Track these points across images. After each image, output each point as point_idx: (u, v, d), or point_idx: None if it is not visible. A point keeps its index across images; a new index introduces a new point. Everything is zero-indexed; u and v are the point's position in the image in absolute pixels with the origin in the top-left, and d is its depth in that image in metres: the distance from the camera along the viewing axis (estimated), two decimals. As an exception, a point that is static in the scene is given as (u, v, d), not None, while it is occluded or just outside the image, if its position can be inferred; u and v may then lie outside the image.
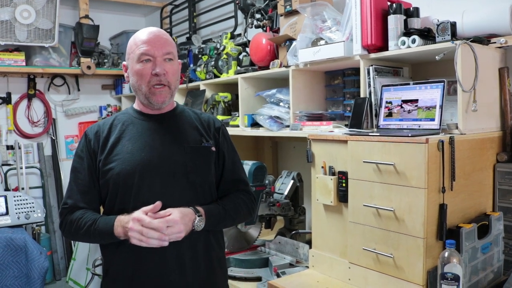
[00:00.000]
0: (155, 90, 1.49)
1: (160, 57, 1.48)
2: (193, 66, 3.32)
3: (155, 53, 1.47)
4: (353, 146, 1.77)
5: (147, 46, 1.47)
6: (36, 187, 4.39)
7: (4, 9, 3.64)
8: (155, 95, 1.50)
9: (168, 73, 1.49)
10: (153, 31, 1.52)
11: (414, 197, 1.55)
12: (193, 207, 1.46)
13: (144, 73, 1.48)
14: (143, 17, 5.16)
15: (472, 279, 1.62)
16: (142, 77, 1.49)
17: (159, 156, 1.50)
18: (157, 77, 1.47)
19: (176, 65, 1.55)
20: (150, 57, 1.48)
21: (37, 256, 2.79)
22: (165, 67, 1.49)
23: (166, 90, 1.51)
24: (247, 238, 2.53)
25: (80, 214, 1.48)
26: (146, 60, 1.48)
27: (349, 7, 2.02)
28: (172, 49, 1.52)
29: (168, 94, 1.52)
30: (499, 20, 1.77)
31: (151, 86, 1.49)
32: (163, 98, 1.51)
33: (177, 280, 1.48)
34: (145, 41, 1.48)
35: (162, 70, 1.47)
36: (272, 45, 2.58)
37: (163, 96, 1.51)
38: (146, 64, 1.48)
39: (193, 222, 1.42)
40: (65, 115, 4.64)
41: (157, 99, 1.50)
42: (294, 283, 1.87)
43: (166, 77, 1.49)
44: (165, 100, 1.52)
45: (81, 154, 1.54)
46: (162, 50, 1.48)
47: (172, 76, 1.51)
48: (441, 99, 1.73)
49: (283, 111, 2.45)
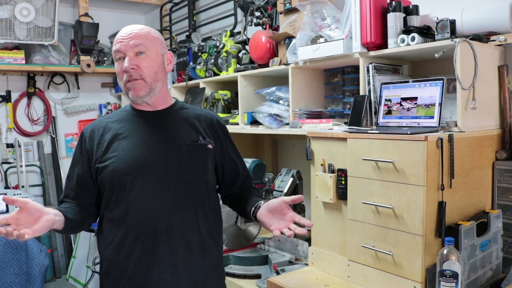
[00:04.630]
0: (129, 85, 1.49)
1: (130, 52, 1.47)
2: (193, 64, 3.32)
3: (124, 49, 1.47)
4: (353, 143, 1.77)
5: (118, 44, 1.49)
6: (36, 185, 4.39)
7: (3, 7, 3.64)
8: (130, 89, 1.49)
9: (140, 66, 1.47)
10: (127, 28, 1.51)
11: (413, 194, 1.56)
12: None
13: (118, 71, 1.50)
14: (143, 15, 5.15)
15: (471, 276, 1.63)
16: (119, 75, 1.51)
17: (154, 154, 1.49)
18: (127, 73, 1.47)
19: (152, 57, 1.50)
20: (122, 54, 1.48)
21: (37, 254, 2.81)
22: (136, 61, 1.47)
23: (140, 83, 1.48)
24: (247, 235, 2.54)
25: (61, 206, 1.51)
26: (119, 58, 1.49)
27: (348, 4, 2.02)
28: (143, 42, 1.48)
29: (145, 87, 1.49)
30: (498, 18, 1.77)
31: (125, 82, 1.49)
32: (137, 92, 1.49)
33: (168, 280, 1.46)
34: (117, 39, 1.50)
35: (129, 65, 1.46)
36: (271, 43, 2.58)
37: (137, 89, 1.48)
38: (120, 62, 1.49)
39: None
40: (65, 113, 4.65)
41: (133, 93, 1.49)
42: (293, 280, 1.87)
43: (137, 71, 1.47)
44: (141, 93, 1.49)
45: (77, 153, 1.57)
46: (131, 45, 1.47)
47: (146, 69, 1.48)
48: (440, 97, 1.73)
49: (282, 109, 2.46)
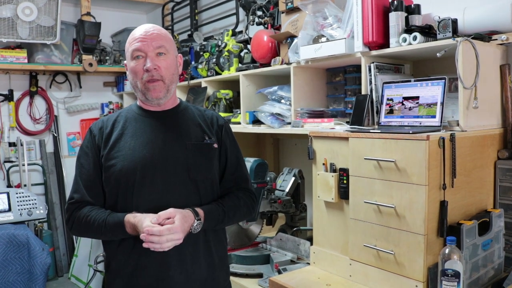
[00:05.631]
0: (149, 85, 1.50)
1: (151, 52, 1.49)
2: (195, 63, 3.32)
3: (146, 49, 1.48)
4: (354, 143, 1.77)
5: (138, 43, 1.49)
6: (38, 184, 4.41)
7: (6, 6, 3.64)
8: (150, 90, 1.50)
9: (160, 67, 1.49)
10: (146, 27, 1.53)
11: (415, 194, 1.56)
12: (193, 210, 1.46)
13: (137, 70, 1.50)
14: (145, 14, 5.16)
15: (473, 275, 1.63)
16: (136, 74, 1.50)
17: (160, 153, 1.50)
18: (149, 73, 1.48)
19: (171, 59, 1.54)
20: (141, 54, 1.49)
21: (40, 253, 2.81)
22: (157, 62, 1.49)
23: (160, 84, 1.51)
24: (249, 234, 2.54)
25: (88, 211, 1.49)
26: (138, 57, 1.49)
27: (350, 4, 2.02)
28: (164, 43, 1.51)
29: (163, 88, 1.52)
30: (500, 17, 1.77)
31: (145, 82, 1.50)
32: (157, 93, 1.51)
33: (177, 276, 1.49)
34: (137, 38, 1.50)
35: (152, 65, 1.48)
36: (273, 42, 2.58)
37: (157, 90, 1.51)
38: (139, 61, 1.49)
39: (191, 226, 1.43)
40: (67, 112, 4.66)
41: (152, 94, 1.51)
42: (295, 279, 1.88)
43: (158, 72, 1.49)
44: (160, 94, 1.52)
45: (86, 150, 1.55)
46: (153, 45, 1.49)
47: (166, 70, 1.51)
48: (442, 96, 1.73)
49: (284, 108, 2.46)
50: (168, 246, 1.37)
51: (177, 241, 1.38)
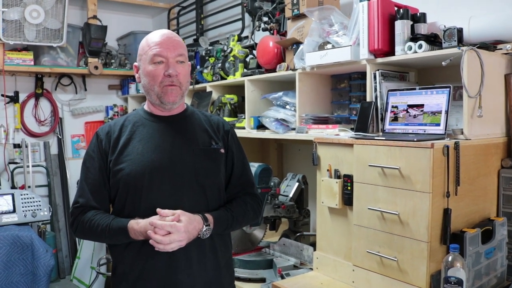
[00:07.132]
0: (167, 89, 1.52)
1: (172, 58, 1.51)
2: (200, 67, 3.34)
3: (168, 54, 1.50)
4: (359, 149, 1.78)
5: (160, 47, 1.50)
6: (42, 185, 4.42)
7: (13, 9, 3.67)
8: (167, 94, 1.52)
9: (180, 74, 1.52)
10: (166, 33, 1.55)
11: (418, 201, 1.57)
12: (203, 215, 1.47)
13: (156, 74, 1.51)
14: (151, 18, 5.19)
15: (476, 283, 1.63)
16: (155, 78, 1.51)
17: (169, 158, 1.52)
18: (170, 78, 1.50)
19: (187, 67, 1.58)
20: (163, 59, 1.50)
21: (43, 254, 2.82)
22: (177, 68, 1.52)
23: (177, 89, 1.53)
24: (252, 239, 2.55)
25: (92, 215, 1.50)
26: (159, 62, 1.51)
27: (356, 11, 2.04)
28: (183, 52, 1.55)
29: (179, 94, 1.55)
30: (505, 27, 1.78)
31: (164, 86, 1.51)
32: (174, 98, 1.53)
33: (184, 279, 1.49)
34: (158, 43, 1.51)
35: (174, 71, 1.50)
36: (279, 48, 2.60)
37: (174, 95, 1.53)
38: (159, 66, 1.51)
39: (199, 231, 1.44)
40: (72, 115, 4.68)
41: (168, 98, 1.52)
42: (298, 284, 1.88)
43: (178, 78, 1.52)
44: (176, 99, 1.54)
45: (93, 154, 1.56)
46: (175, 52, 1.51)
47: (183, 78, 1.55)
48: (446, 105, 1.74)
49: (289, 114, 2.47)
50: (171, 247, 1.38)
51: (180, 243, 1.39)
